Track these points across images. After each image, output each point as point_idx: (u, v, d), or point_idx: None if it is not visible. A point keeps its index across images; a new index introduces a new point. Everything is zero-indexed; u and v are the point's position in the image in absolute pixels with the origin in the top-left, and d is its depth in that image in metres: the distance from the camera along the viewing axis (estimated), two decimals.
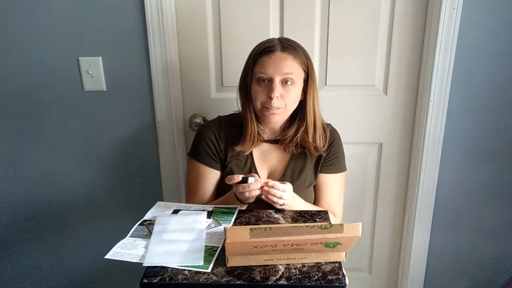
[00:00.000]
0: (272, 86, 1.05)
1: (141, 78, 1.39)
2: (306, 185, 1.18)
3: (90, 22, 1.33)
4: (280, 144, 1.18)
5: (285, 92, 1.06)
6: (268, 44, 1.07)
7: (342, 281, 0.80)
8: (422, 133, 1.41)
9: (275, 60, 1.04)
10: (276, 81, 1.05)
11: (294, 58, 1.05)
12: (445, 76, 1.33)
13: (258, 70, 1.06)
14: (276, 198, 1.00)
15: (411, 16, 1.35)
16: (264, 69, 1.05)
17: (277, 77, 1.04)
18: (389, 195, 1.57)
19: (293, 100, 1.09)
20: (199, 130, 1.22)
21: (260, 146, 1.18)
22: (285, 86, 1.06)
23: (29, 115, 1.44)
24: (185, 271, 0.82)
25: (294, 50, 1.07)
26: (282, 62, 1.04)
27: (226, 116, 1.23)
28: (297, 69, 1.06)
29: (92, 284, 1.68)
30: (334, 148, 1.20)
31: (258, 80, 1.07)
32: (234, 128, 1.17)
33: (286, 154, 1.19)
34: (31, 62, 1.38)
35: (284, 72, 1.04)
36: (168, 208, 1.07)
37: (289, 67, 1.04)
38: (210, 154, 1.17)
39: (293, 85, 1.06)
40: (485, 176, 1.46)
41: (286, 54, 1.05)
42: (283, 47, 1.06)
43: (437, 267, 1.58)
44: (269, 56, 1.05)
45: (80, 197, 1.55)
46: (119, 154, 1.49)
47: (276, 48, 1.05)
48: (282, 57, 1.04)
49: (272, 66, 1.04)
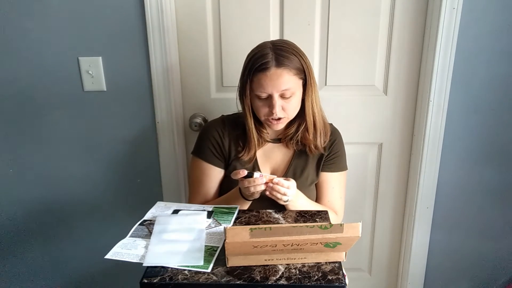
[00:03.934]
0: (272, 102, 1.06)
1: (141, 78, 1.39)
2: (308, 183, 1.20)
3: (90, 22, 1.33)
4: (282, 141, 1.19)
5: (286, 104, 1.07)
6: (262, 60, 1.04)
7: (342, 281, 0.80)
8: (422, 133, 1.41)
9: (271, 78, 1.04)
10: (275, 97, 1.05)
11: (289, 72, 1.04)
12: (445, 76, 1.33)
13: (255, 88, 1.07)
14: (280, 195, 1.02)
15: (411, 16, 1.35)
16: (262, 87, 1.05)
17: (275, 93, 1.05)
18: (389, 195, 1.58)
19: (294, 108, 1.10)
20: (203, 129, 1.23)
21: (263, 145, 1.19)
22: (285, 98, 1.07)
23: (29, 115, 1.44)
24: (185, 271, 0.82)
25: (289, 60, 1.05)
26: (279, 79, 1.04)
27: (230, 116, 1.23)
28: (294, 81, 1.06)
29: (92, 284, 1.68)
30: (336, 147, 1.21)
31: (258, 96, 1.08)
32: (238, 127, 1.18)
33: (289, 151, 1.20)
34: (31, 62, 1.38)
35: (282, 89, 1.05)
36: (168, 208, 1.07)
37: (285, 83, 1.04)
38: (214, 152, 1.18)
39: (292, 96, 1.07)
40: (485, 176, 1.46)
41: (281, 70, 1.04)
42: (278, 62, 1.03)
43: (437, 267, 1.58)
44: (264, 74, 1.04)
45: (80, 197, 1.55)
46: (119, 154, 1.49)
47: (270, 64, 1.03)
48: (277, 74, 1.04)
49: (269, 84, 1.04)
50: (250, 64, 1.07)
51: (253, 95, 1.09)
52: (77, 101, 1.42)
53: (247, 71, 1.08)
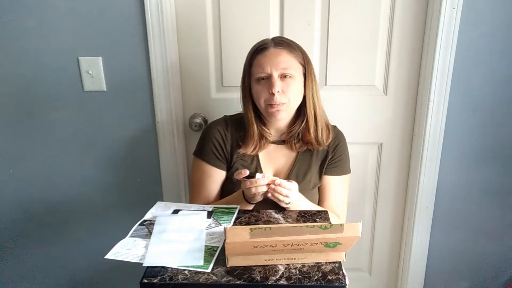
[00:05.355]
0: (272, 81, 1.05)
1: (141, 78, 1.39)
2: (311, 186, 1.19)
3: (90, 22, 1.33)
4: (286, 143, 1.18)
5: (286, 86, 1.07)
6: (261, 43, 1.09)
7: (342, 281, 0.80)
8: (422, 133, 1.41)
9: (270, 57, 1.05)
10: (274, 76, 1.05)
11: (289, 53, 1.07)
12: (445, 76, 1.33)
13: (255, 70, 1.07)
14: (282, 197, 1.01)
15: (411, 16, 1.35)
16: (261, 67, 1.06)
17: (274, 73, 1.05)
18: (389, 195, 1.57)
19: (295, 93, 1.09)
20: (205, 130, 1.22)
21: (266, 147, 1.18)
22: (285, 80, 1.06)
23: (29, 115, 1.44)
24: (185, 271, 0.82)
25: (288, 45, 1.08)
26: (278, 57, 1.05)
27: (232, 116, 1.22)
28: (293, 63, 1.07)
29: (92, 284, 1.68)
30: (339, 150, 1.20)
31: (258, 79, 1.08)
32: (240, 128, 1.17)
33: (292, 154, 1.19)
34: (31, 62, 1.38)
35: (281, 67, 1.05)
36: (168, 208, 1.07)
37: (285, 61, 1.05)
38: (216, 154, 1.17)
39: (292, 79, 1.07)
40: (485, 176, 1.46)
41: (280, 49, 1.06)
42: (276, 43, 1.08)
43: (437, 267, 1.58)
44: (263, 54, 1.06)
45: (80, 197, 1.55)
46: (119, 154, 1.49)
47: (269, 45, 1.07)
48: (276, 52, 1.06)
49: (268, 63, 1.05)
50: (250, 53, 1.10)
51: (253, 82, 1.09)
52: (77, 101, 1.42)
53: (248, 59, 1.10)
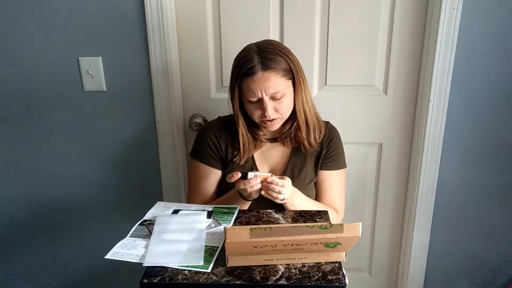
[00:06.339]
0: (264, 105, 1.06)
1: (141, 78, 1.39)
2: (307, 182, 1.19)
3: (90, 22, 1.33)
4: (278, 140, 1.19)
5: (278, 105, 1.08)
6: (248, 64, 1.04)
7: (342, 281, 0.80)
8: (422, 133, 1.41)
9: (258, 82, 1.04)
10: (265, 100, 1.06)
11: (276, 74, 1.04)
12: (445, 76, 1.33)
13: (245, 93, 1.07)
14: (275, 194, 1.02)
15: (411, 16, 1.35)
16: (251, 92, 1.05)
17: (265, 97, 1.05)
18: (389, 195, 1.57)
19: (287, 108, 1.10)
20: (200, 131, 1.24)
21: (261, 146, 1.19)
22: (276, 100, 1.07)
23: (29, 115, 1.44)
24: (185, 271, 0.82)
25: (275, 63, 1.05)
26: (266, 83, 1.04)
27: (227, 117, 1.24)
28: (282, 83, 1.06)
29: (92, 284, 1.68)
30: (333, 145, 1.21)
31: (249, 100, 1.08)
32: (235, 128, 1.18)
33: (286, 150, 1.20)
34: (31, 62, 1.38)
35: (271, 92, 1.05)
36: (168, 208, 1.07)
37: (274, 86, 1.05)
38: (211, 154, 1.18)
39: (283, 97, 1.07)
40: (485, 176, 1.46)
41: (268, 73, 1.04)
42: (264, 65, 1.04)
43: (437, 267, 1.59)
44: (252, 79, 1.04)
45: (80, 197, 1.55)
46: (119, 154, 1.49)
47: (256, 69, 1.04)
48: (264, 77, 1.04)
49: (257, 88, 1.05)
50: (236, 69, 1.08)
51: (245, 100, 1.10)
52: (77, 101, 1.42)
53: (234, 77, 1.09)
